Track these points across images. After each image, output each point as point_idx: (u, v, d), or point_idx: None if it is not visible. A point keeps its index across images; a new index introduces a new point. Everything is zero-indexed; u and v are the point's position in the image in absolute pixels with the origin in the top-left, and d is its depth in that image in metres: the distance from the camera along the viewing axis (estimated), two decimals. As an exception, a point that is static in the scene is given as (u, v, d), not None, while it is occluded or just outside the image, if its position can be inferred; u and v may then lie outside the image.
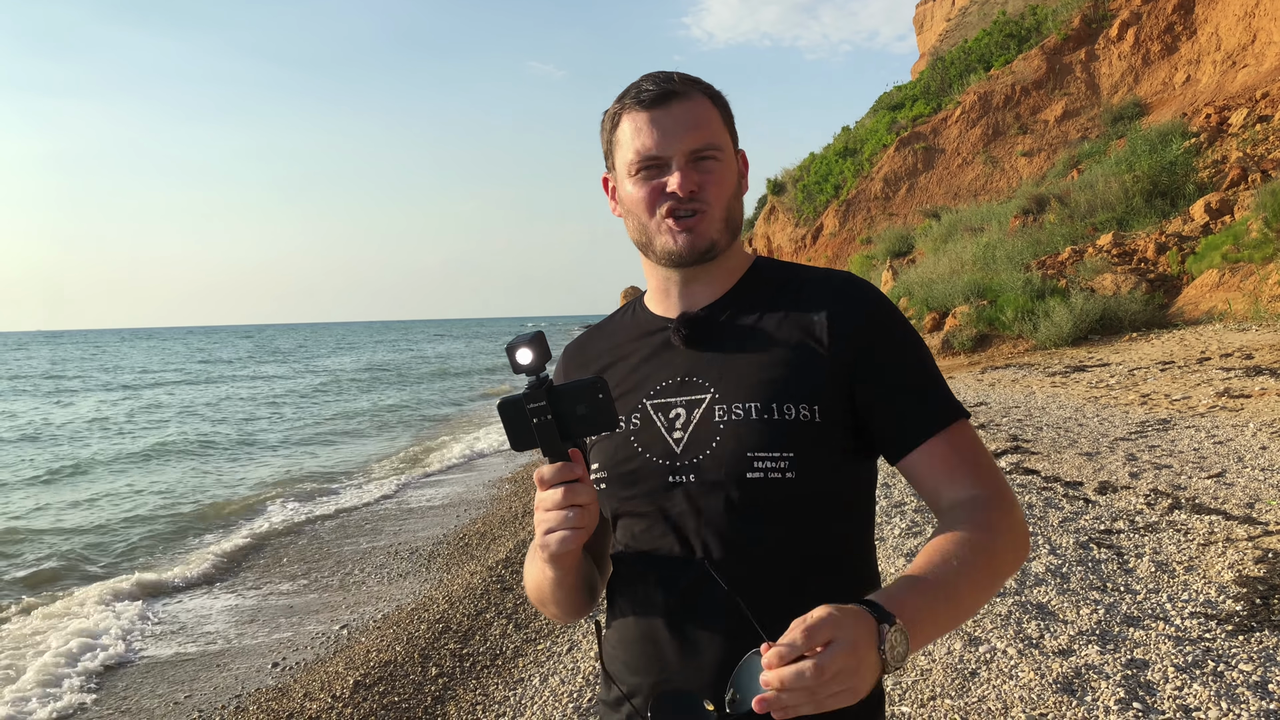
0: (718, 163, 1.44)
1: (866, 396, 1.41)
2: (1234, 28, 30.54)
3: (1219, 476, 7.19)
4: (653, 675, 1.41)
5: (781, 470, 1.36)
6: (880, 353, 1.42)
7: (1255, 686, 3.85)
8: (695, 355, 1.48)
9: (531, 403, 1.24)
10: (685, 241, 1.44)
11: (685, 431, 1.42)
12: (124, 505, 12.09)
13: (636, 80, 1.48)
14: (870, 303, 1.45)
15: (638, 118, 1.44)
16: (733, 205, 1.47)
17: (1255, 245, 16.73)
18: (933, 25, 68.46)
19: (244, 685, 5.62)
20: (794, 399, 1.38)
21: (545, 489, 1.27)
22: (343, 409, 25.16)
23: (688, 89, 1.45)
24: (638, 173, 1.45)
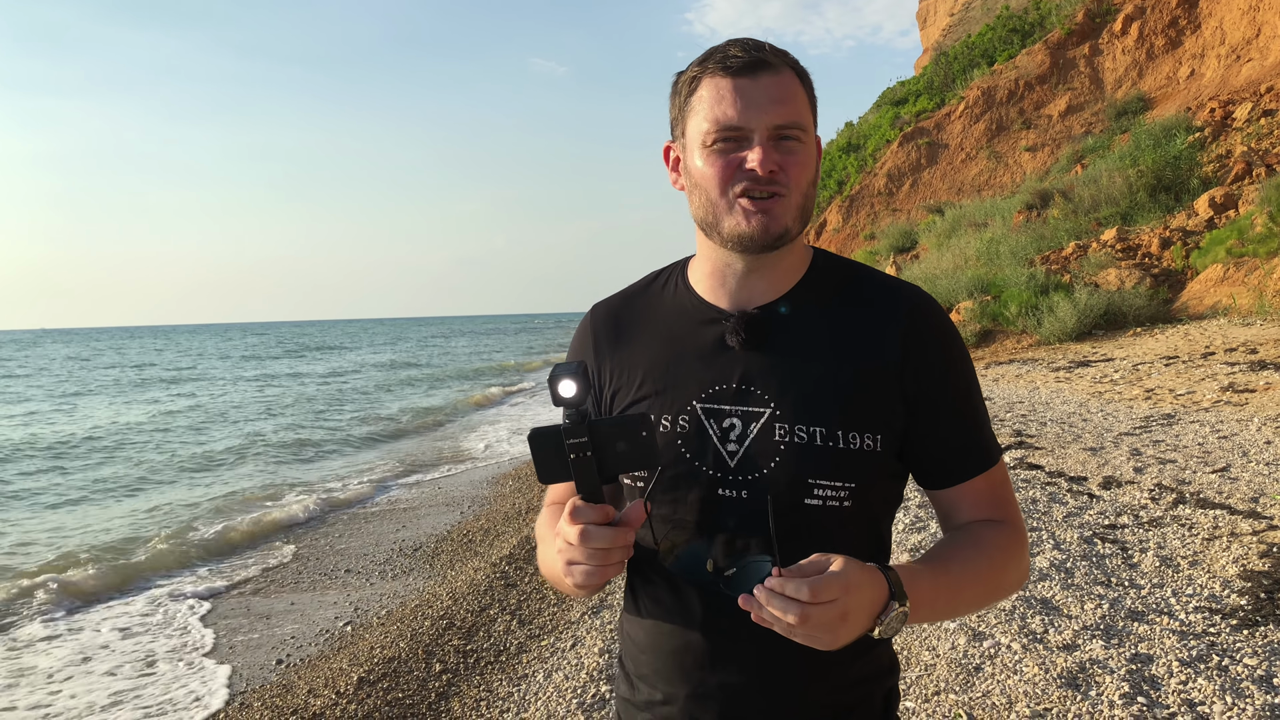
0: (800, 144, 1.34)
1: (920, 427, 1.38)
2: (1238, 21, 30.45)
3: (1223, 471, 7.17)
4: (688, 687, 1.39)
5: (840, 499, 1.33)
6: (943, 387, 1.39)
7: (1260, 681, 3.84)
8: (753, 360, 1.38)
9: (572, 438, 1.17)
10: (759, 224, 1.33)
11: (741, 445, 1.35)
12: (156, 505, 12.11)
13: (722, 44, 1.36)
14: (942, 332, 1.41)
15: (721, 84, 1.32)
16: (810, 192, 1.37)
17: (1260, 240, 16.69)
18: (936, 20, 68.34)
19: (248, 682, 5.63)
20: (860, 427, 1.33)
21: (573, 523, 1.21)
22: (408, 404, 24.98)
23: (778, 61, 1.34)
24: (713, 144, 1.33)
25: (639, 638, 1.47)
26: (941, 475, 1.41)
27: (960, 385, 1.41)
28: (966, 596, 1.35)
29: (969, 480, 1.41)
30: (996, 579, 1.38)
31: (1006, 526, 1.41)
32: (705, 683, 1.38)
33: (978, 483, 1.41)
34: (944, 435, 1.39)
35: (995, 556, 1.37)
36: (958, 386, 1.40)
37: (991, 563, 1.36)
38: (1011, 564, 1.40)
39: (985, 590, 1.38)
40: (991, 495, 1.42)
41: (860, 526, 1.37)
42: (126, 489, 13.09)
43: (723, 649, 1.36)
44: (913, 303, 1.40)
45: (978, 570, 1.34)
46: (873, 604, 1.16)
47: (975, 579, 1.34)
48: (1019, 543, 1.41)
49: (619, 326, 1.52)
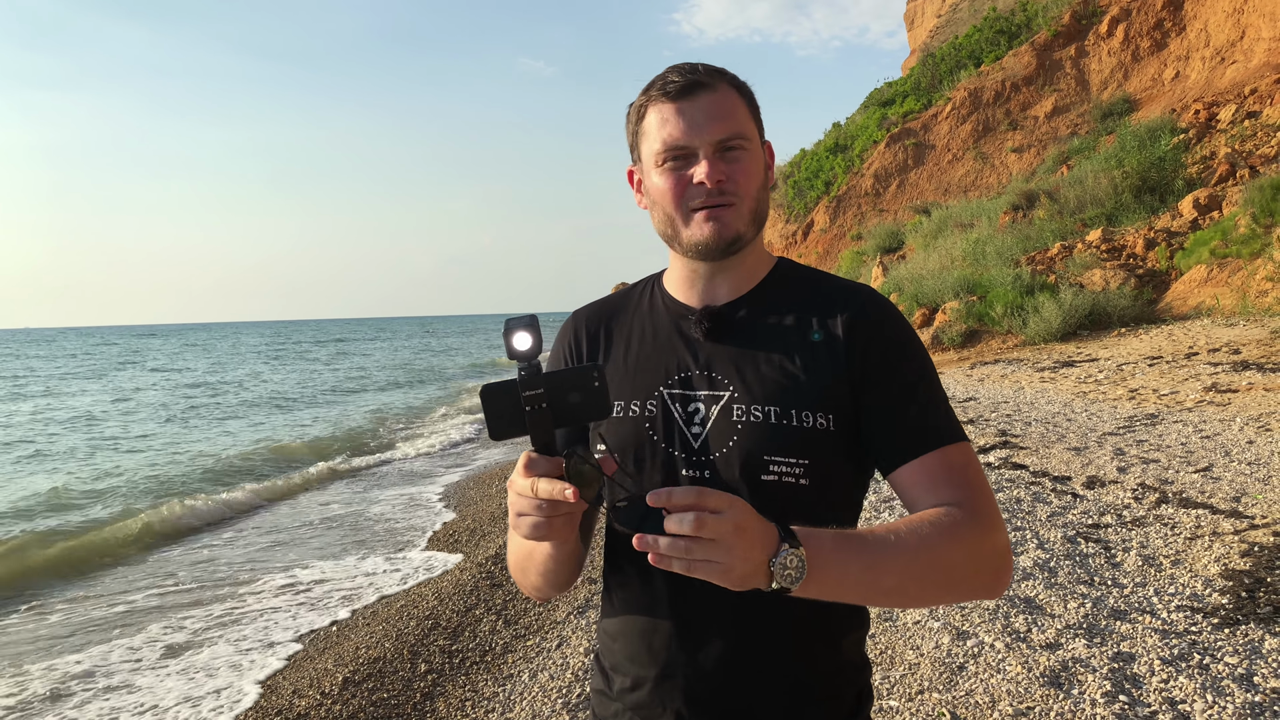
0: (745, 153, 1.44)
1: (871, 407, 1.43)
2: (1223, 24, 30.64)
3: (1206, 471, 7.22)
4: (656, 668, 1.45)
5: (795, 476, 1.39)
6: (891, 368, 1.44)
7: (1240, 679, 3.87)
8: (716, 349, 1.49)
9: (527, 389, 1.19)
10: (712, 231, 1.43)
11: (704, 427, 1.44)
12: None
13: (662, 72, 1.48)
14: (888, 319, 1.48)
15: (664, 109, 1.44)
16: (760, 197, 1.47)
17: (1243, 241, 16.80)
18: (924, 21, 68.52)
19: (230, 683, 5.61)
20: (811, 407, 1.41)
21: (528, 475, 1.22)
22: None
23: (713, 80, 1.45)
24: (664, 164, 1.45)
25: (612, 629, 1.54)
26: (892, 455, 1.42)
27: (908, 367, 1.45)
28: (891, 570, 1.26)
29: (920, 458, 1.39)
30: (932, 559, 1.28)
31: (960, 509, 1.34)
32: (672, 663, 1.43)
33: (931, 461, 1.39)
34: (893, 415, 1.43)
35: (931, 534, 1.29)
36: (905, 368, 1.45)
37: (923, 540, 1.28)
38: (955, 545, 1.30)
39: (919, 568, 1.28)
40: (949, 477, 1.38)
41: (820, 508, 1.40)
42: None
43: (689, 630, 1.42)
44: (861, 296, 1.49)
45: (905, 545, 1.27)
46: (764, 537, 1.16)
47: (900, 553, 1.26)
48: (970, 526, 1.32)
49: (600, 328, 1.61)
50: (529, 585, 1.53)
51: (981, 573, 1.35)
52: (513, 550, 1.53)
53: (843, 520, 1.46)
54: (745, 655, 1.41)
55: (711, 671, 1.41)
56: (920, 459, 1.41)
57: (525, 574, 1.51)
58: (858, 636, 1.50)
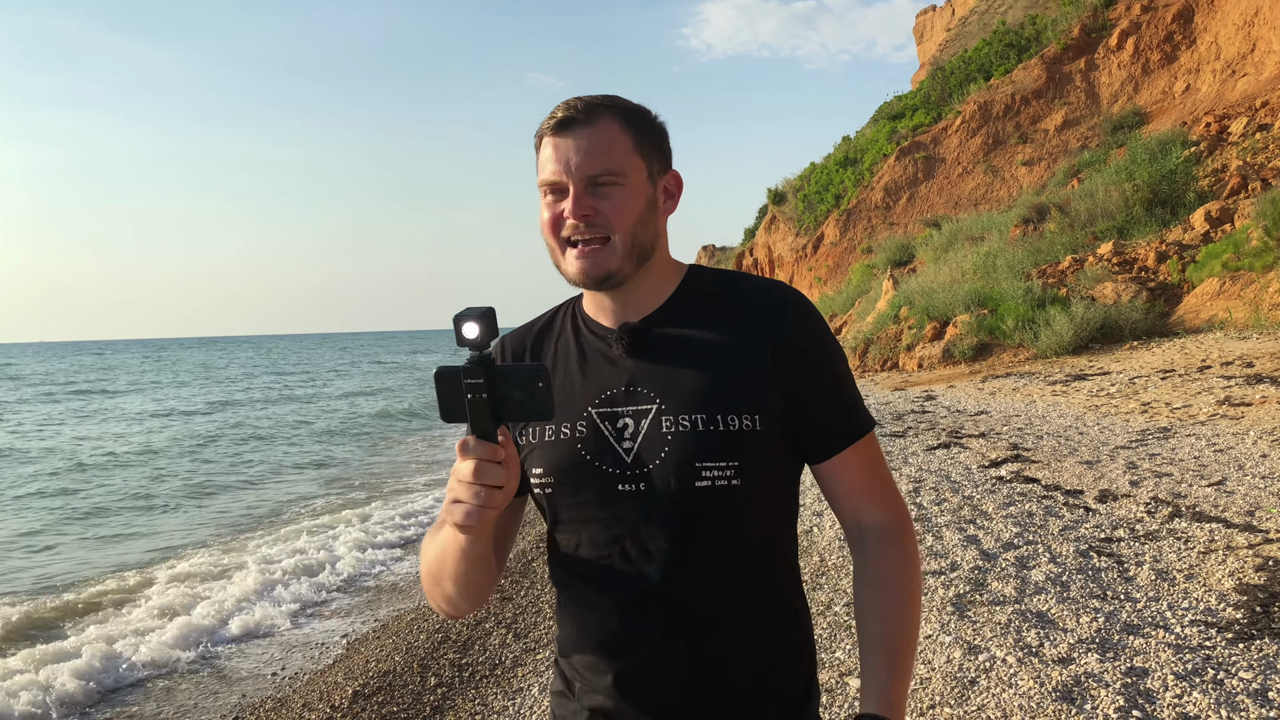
0: (619, 188, 1.46)
1: (793, 405, 1.48)
2: (1233, 36, 30.59)
3: (1219, 484, 7.18)
4: (612, 671, 1.48)
5: (728, 478, 1.43)
6: (807, 364, 1.49)
7: (1255, 694, 3.83)
8: (638, 365, 1.51)
9: (469, 378, 1.22)
10: (579, 269, 1.47)
11: (635, 441, 1.47)
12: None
13: (555, 106, 1.51)
14: (799, 315, 1.51)
15: (546, 143, 1.48)
16: (638, 231, 1.48)
17: (1256, 253, 16.73)
18: (933, 35, 68.60)
19: (243, 696, 5.61)
20: (736, 410, 1.44)
21: (463, 459, 1.26)
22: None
23: (593, 114, 1.46)
24: (545, 197, 1.49)
25: (571, 640, 1.56)
26: (814, 451, 1.52)
27: (828, 363, 1.52)
28: (914, 652, 1.50)
29: (841, 453, 1.52)
30: (918, 598, 1.53)
31: (892, 531, 1.54)
32: (628, 665, 1.47)
33: (851, 457, 1.52)
34: (817, 412, 1.50)
35: (913, 590, 1.51)
36: (825, 364, 1.51)
37: (914, 599, 1.51)
38: (917, 570, 1.54)
39: (919, 615, 1.53)
40: (868, 470, 1.54)
41: (755, 506, 1.46)
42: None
43: (642, 630, 1.45)
44: (775, 296, 1.53)
45: (912, 618, 1.50)
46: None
47: (916, 625, 1.51)
48: (908, 537, 1.54)
49: (525, 353, 1.64)
50: (441, 596, 1.52)
51: (919, 574, 1.57)
52: (427, 559, 1.53)
53: (775, 519, 1.52)
54: (699, 650, 1.45)
55: (668, 670, 1.45)
56: (842, 454, 1.52)
57: (439, 583, 1.50)
58: (804, 634, 1.57)
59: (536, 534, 8.86)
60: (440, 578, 1.49)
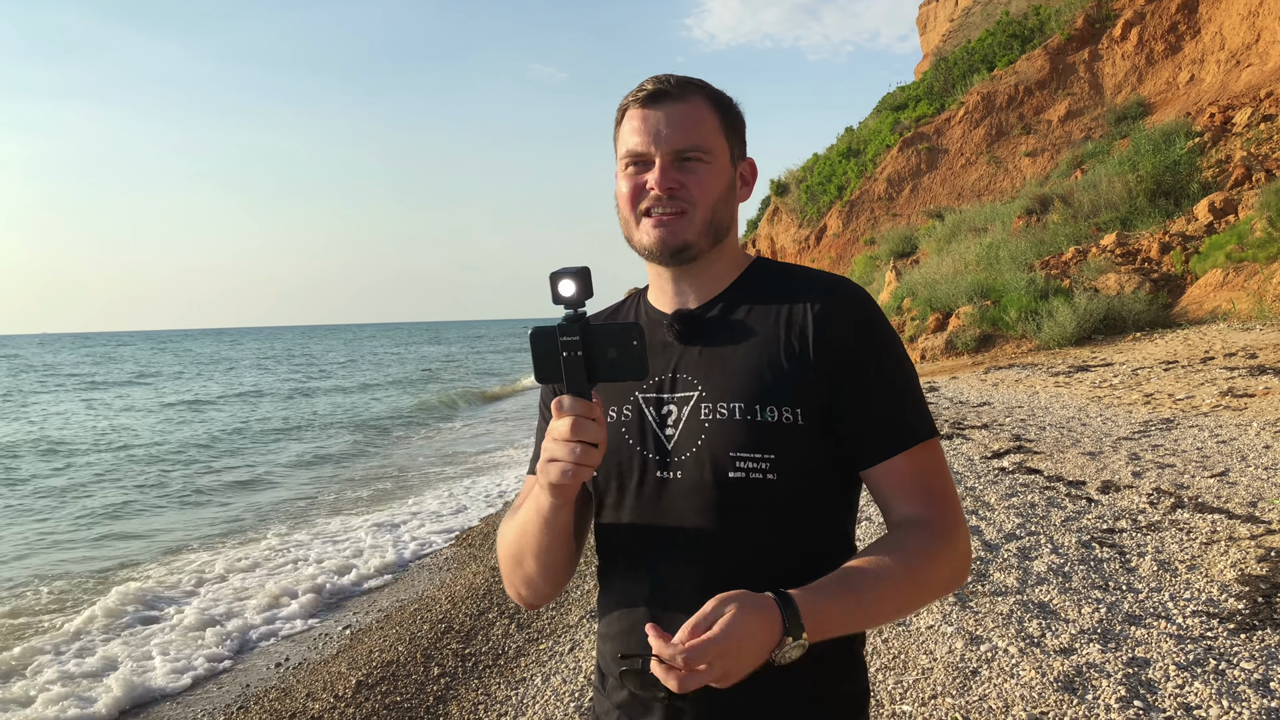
0: (705, 165, 1.46)
1: (843, 404, 1.43)
2: (1238, 27, 30.48)
3: (1222, 475, 7.18)
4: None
5: (763, 471, 1.39)
6: (862, 363, 1.44)
7: (1257, 684, 3.84)
8: (687, 352, 1.50)
9: (565, 335, 1.23)
10: (657, 238, 1.46)
11: (676, 428, 1.46)
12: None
13: (643, 80, 1.50)
14: (858, 311, 1.47)
15: (633, 114, 1.48)
16: (719, 209, 1.48)
17: (1259, 245, 16.70)
18: (936, 25, 68.41)
19: (245, 687, 5.63)
20: (776, 401, 1.41)
21: (559, 417, 1.26)
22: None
23: (685, 91, 1.47)
24: (626, 168, 1.48)
25: (604, 630, 1.54)
26: (865, 452, 1.44)
27: (880, 361, 1.45)
28: (881, 610, 1.36)
29: (890, 459, 1.43)
30: (916, 588, 1.38)
31: (931, 526, 1.40)
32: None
33: (900, 463, 1.43)
34: (863, 412, 1.43)
35: (915, 564, 1.37)
36: (876, 362, 1.44)
37: (910, 572, 1.36)
38: (934, 568, 1.39)
39: (903, 601, 1.38)
40: (919, 481, 1.43)
41: (791, 502, 1.41)
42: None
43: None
44: (832, 289, 1.48)
45: (896, 583, 1.35)
46: (763, 646, 1.22)
47: (893, 591, 1.35)
48: (942, 542, 1.40)
49: None
50: (522, 578, 1.51)
51: (952, 581, 1.43)
52: (507, 540, 1.52)
53: (825, 514, 1.46)
54: None
55: None
56: (890, 461, 1.43)
57: (520, 563, 1.49)
58: (853, 641, 1.49)
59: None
60: (522, 556, 1.48)
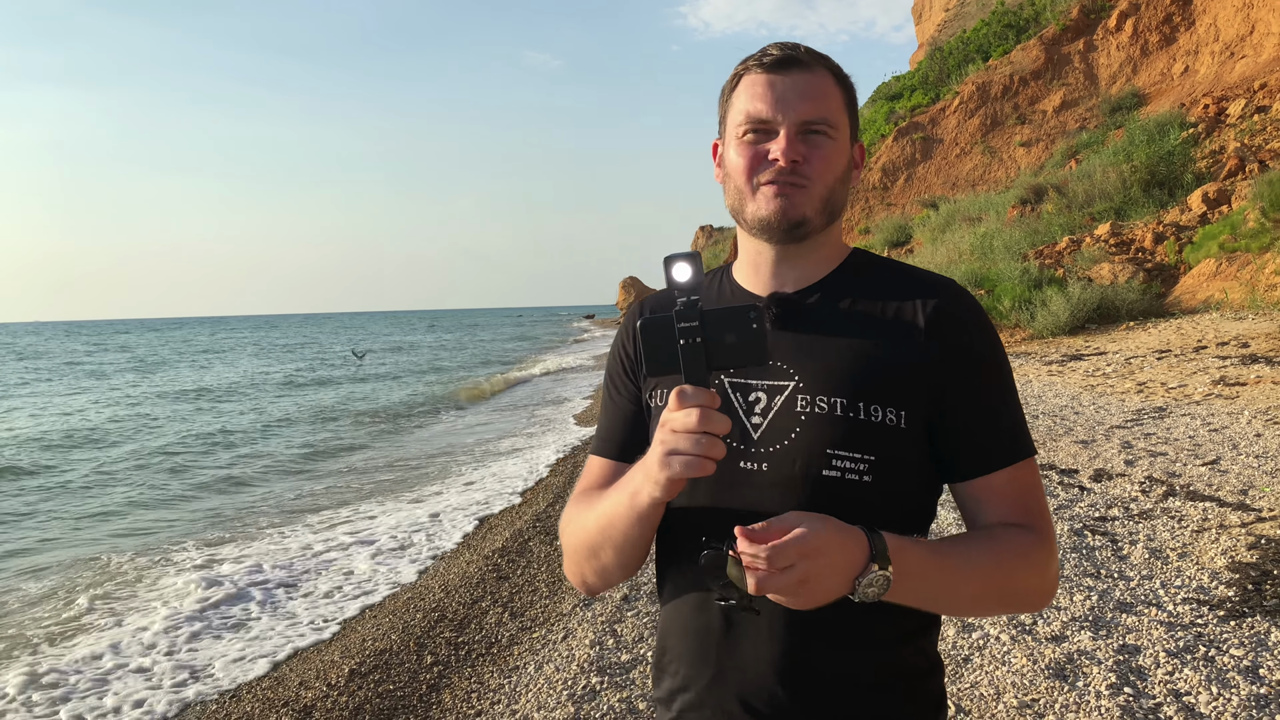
0: (829, 140, 1.38)
1: (947, 414, 1.36)
2: (1232, 18, 30.48)
3: (1213, 464, 7.20)
4: (711, 670, 1.37)
5: (859, 472, 1.32)
6: (970, 371, 1.37)
7: (1246, 671, 3.86)
8: (782, 338, 1.40)
9: (684, 321, 1.16)
10: (776, 208, 1.37)
11: (765, 418, 1.37)
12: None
13: (764, 46, 1.42)
14: (971, 316, 1.40)
15: (756, 79, 1.39)
16: (836, 189, 1.40)
17: (1252, 235, 16.73)
18: (931, 15, 68.33)
19: (239, 675, 5.63)
20: (881, 400, 1.33)
21: (681, 407, 1.17)
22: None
23: (813, 61, 1.39)
24: (744, 135, 1.39)
25: (664, 624, 1.48)
26: (963, 466, 1.37)
27: (988, 375, 1.38)
28: (966, 589, 1.30)
29: (988, 475, 1.36)
30: (1004, 580, 1.32)
31: (1028, 532, 1.34)
32: (723, 665, 1.36)
33: (999, 479, 1.36)
34: (963, 424, 1.36)
35: (1005, 557, 1.30)
36: (985, 376, 1.37)
37: (999, 561, 1.30)
38: (1026, 570, 1.33)
39: (989, 588, 1.32)
40: (1017, 497, 1.37)
41: (885, 505, 1.33)
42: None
43: (741, 630, 1.34)
44: (945, 292, 1.41)
45: (982, 565, 1.29)
46: (848, 566, 1.15)
47: (977, 572, 1.29)
48: (1040, 550, 1.34)
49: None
50: (594, 568, 1.44)
51: (1037, 596, 1.37)
52: (584, 530, 1.43)
53: (910, 522, 1.38)
54: (799, 657, 1.33)
55: (764, 676, 1.34)
56: (989, 476, 1.36)
57: (596, 554, 1.42)
58: (928, 637, 1.41)
59: (533, 513, 8.87)
60: (600, 547, 1.40)
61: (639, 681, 4.53)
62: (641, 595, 5.77)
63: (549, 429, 16.44)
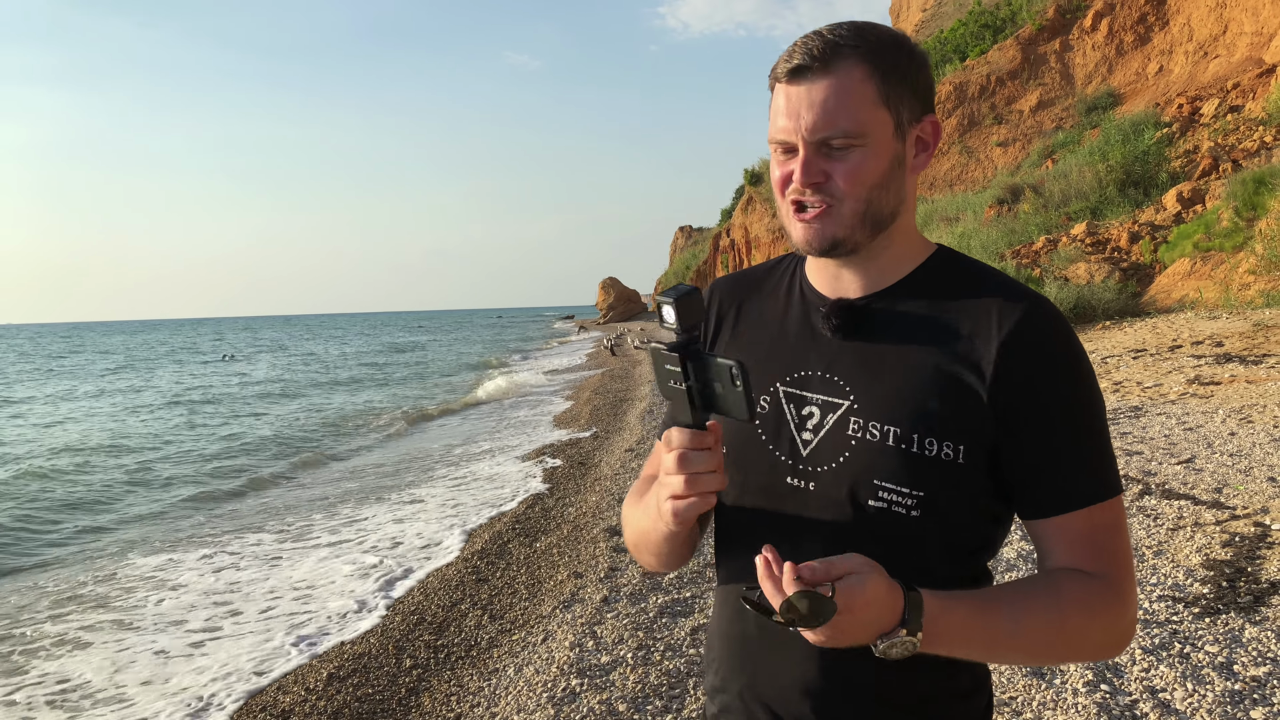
0: (856, 148, 1.25)
1: (1017, 447, 1.25)
2: (1205, 19, 30.77)
3: (1189, 462, 7.26)
4: (744, 677, 1.37)
5: (907, 507, 1.24)
6: (1049, 403, 1.24)
7: (1220, 667, 3.89)
8: (842, 349, 1.33)
9: (668, 365, 1.17)
10: (803, 237, 1.29)
11: (816, 435, 1.31)
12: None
13: (797, 40, 1.29)
14: (1056, 339, 1.26)
15: (778, 90, 1.28)
16: (876, 196, 1.27)
17: (1226, 234, 16.88)
18: (909, 15, 68.65)
19: (213, 680, 5.59)
20: (939, 434, 1.24)
21: (667, 452, 1.17)
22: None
23: (832, 59, 1.24)
24: (775, 153, 1.31)
25: (712, 619, 1.48)
26: (1031, 504, 1.27)
27: (1065, 406, 1.25)
28: (1019, 647, 1.24)
29: (1063, 515, 1.25)
30: (1068, 638, 1.23)
31: (1099, 581, 1.23)
32: (758, 675, 1.35)
33: (1073, 520, 1.25)
34: (1037, 460, 1.24)
35: (1069, 613, 1.21)
36: (1061, 407, 1.24)
37: (1062, 620, 1.21)
38: (1090, 625, 1.23)
39: (1048, 647, 1.25)
40: (1091, 540, 1.25)
41: (935, 544, 1.26)
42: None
43: (777, 643, 1.31)
44: (1025, 309, 1.27)
45: (1037, 623, 1.21)
46: (878, 625, 1.13)
47: (1031, 632, 1.21)
48: (1112, 602, 1.23)
49: (734, 304, 1.50)
50: (646, 561, 1.47)
51: (1108, 648, 1.29)
52: (630, 527, 1.47)
53: (961, 557, 1.30)
54: (830, 675, 1.28)
55: (792, 687, 1.31)
56: (1064, 516, 1.25)
57: (640, 552, 1.46)
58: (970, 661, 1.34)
59: (512, 515, 8.86)
60: (641, 549, 1.44)
61: (619, 683, 4.53)
62: (621, 597, 5.77)
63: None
